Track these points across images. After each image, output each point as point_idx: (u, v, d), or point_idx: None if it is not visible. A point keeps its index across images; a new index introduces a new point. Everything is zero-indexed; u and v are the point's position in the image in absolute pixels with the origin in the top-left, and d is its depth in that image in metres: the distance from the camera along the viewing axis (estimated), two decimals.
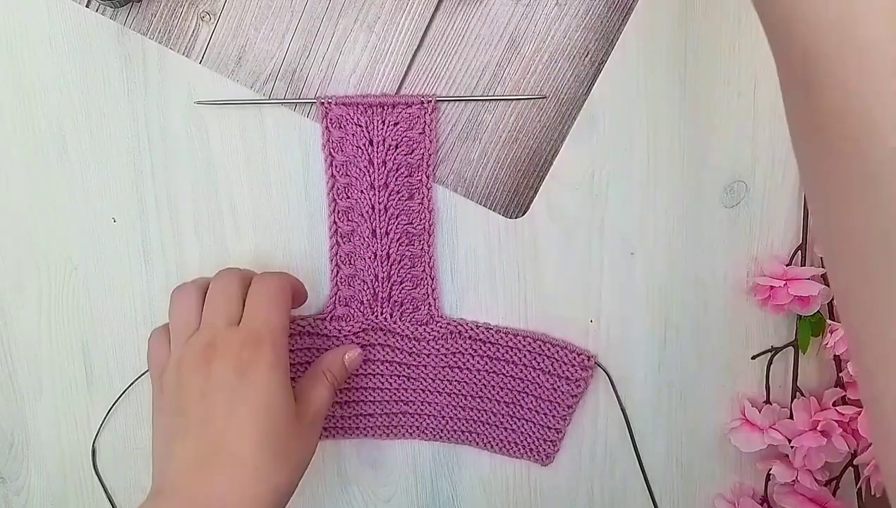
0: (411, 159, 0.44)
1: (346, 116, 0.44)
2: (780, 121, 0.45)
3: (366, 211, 0.45)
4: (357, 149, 0.44)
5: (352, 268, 0.46)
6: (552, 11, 0.43)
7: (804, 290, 0.45)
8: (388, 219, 0.45)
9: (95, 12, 0.43)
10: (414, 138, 0.44)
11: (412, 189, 0.45)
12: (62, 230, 0.47)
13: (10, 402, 0.49)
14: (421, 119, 0.44)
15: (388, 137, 0.44)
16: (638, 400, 0.49)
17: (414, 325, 0.47)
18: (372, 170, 0.44)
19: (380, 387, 0.49)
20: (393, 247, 0.46)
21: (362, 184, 0.45)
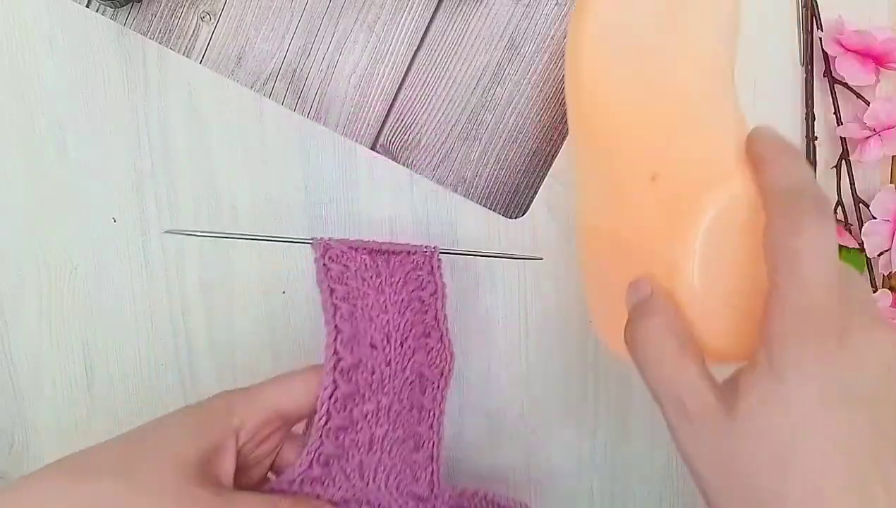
0: (423, 295, 0.40)
1: (349, 255, 0.40)
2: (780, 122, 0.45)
3: (379, 341, 0.39)
4: (363, 281, 0.39)
5: (345, 418, 0.38)
6: (552, 11, 0.43)
7: None
8: (404, 357, 0.39)
9: (95, 12, 0.43)
10: (423, 277, 0.40)
11: (427, 326, 0.40)
12: (62, 230, 0.47)
13: (10, 402, 0.49)
14: (427, 262, 0.40)
15: (397, 273, 0.40)
16: (638, 400, 0.49)
17: (412, 501, 0.38)
18: (383, 300, 0.39)
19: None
20: (405, 392, 0.39)
21: (374, 314, 0.39)
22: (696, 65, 0.34)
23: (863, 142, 0.43)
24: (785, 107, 0.45)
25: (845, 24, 0.42)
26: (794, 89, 0.45)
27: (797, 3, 0.43)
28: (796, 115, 0.45)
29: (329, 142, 0.45)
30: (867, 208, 0.45)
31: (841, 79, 0.43)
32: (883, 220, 0.44)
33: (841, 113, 0.44)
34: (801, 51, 0.44)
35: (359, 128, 0.45)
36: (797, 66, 0.44)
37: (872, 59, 0.42)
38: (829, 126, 0.45)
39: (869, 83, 0.42)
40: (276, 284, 0.47)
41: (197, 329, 0.48)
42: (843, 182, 0.45)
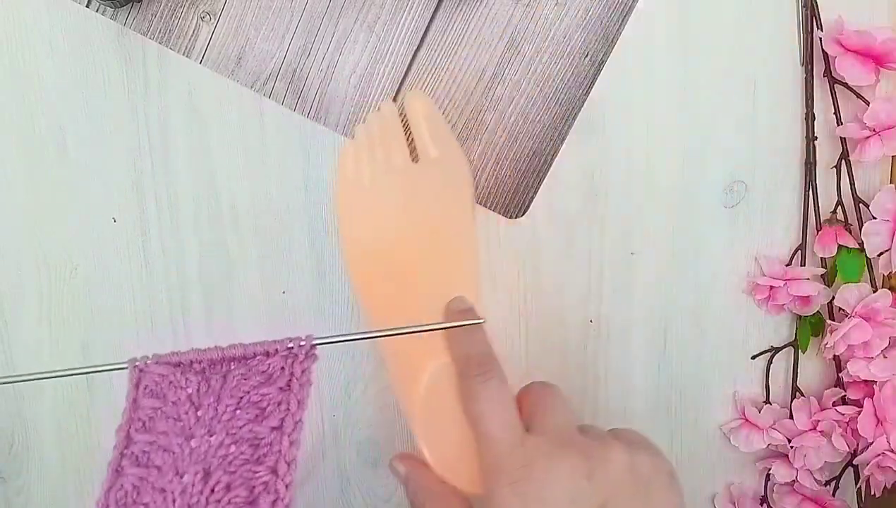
0: (261, 429, 0.28)
1: (171, 380, 0.30)
2: (780, 122, 0.45)
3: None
4: (175, 422, 0.28)
5: None
6: (552, 11, 0.43)
7: (804, 290, 0.45)
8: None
9: (95, 12, 0.43)
10: (270, 397, 0.29)
11: (256, 484, 0.27)
12: (62, 230, 0.47)
13: (10, 402, 0.49)
14: (287, 370, 0.29)
15: (227, 396, 0.28)
16: (638, 400, 0.49)
17: None
18: (189, 451, 0.27)
19: None
20: None
21: (166, 480, 0.27)
22: (437, 247, 0.39)
23: (863, 142, 0.43)
24: (785, 107, 0.45)
25: (845, 24, 0.42)
26: (794, 89, 0.45)
27: (797, 3, 0.43)
28: (796, 115, 0.45)
29: (329, 142, 0.45)
30: (867, 208, 0.45)
31: (841, 79, 0.43)
32: (883, 220, 0.44)
33: (841, 113, 0.44)
34: (801, 51, 0.44)
35: None
36: (797, 66, 0.44)
37: (872, 59, 0.42)
38: (829, 126, 0.45)
39: (869, 83, 0.42)
40: (276, 284, 0.47)
41: (197, 329, 0.48)
42: (843, 182, 0.45)
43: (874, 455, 0.45)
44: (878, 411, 0.45)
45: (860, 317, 0.44)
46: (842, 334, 0.44)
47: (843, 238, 0.45)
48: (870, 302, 0.44)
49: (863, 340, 0.44)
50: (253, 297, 0.47)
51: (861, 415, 0.45)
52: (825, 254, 0.46)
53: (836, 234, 0.45)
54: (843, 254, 0.45)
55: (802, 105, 0.45)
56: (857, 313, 0.45)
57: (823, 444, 0.46)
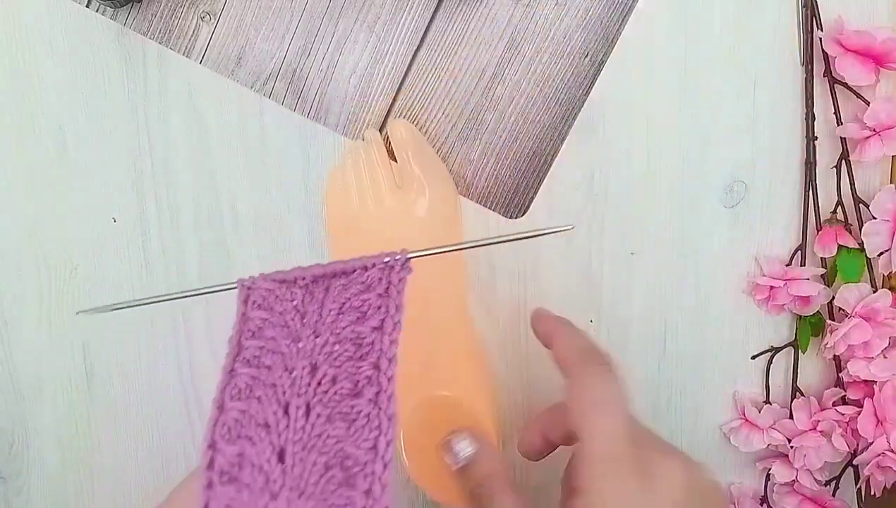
0: (362, 329, 0.29)
1: (277, 294, 0.31)
2: (780, 122, 0.45)
3: (269, 418, 0.27)
4: (282, 328, 0.30)
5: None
6: (552, 11, 0.43)
7: (804, 290, 0.45)
8: (311, 433, 0.27)
9: (95, 12, 0.43)
10: (370, 301, 0.30)
11: (360, 377, 0.28)
12: (62, 230, 0.47)
13: (10, 402, 0.49)
14: (384, 279, 0.30)
15: (330, 303, 0.30)
16: (637, 400, 0.49)
17: None
18: (297, 351, 0.29)
19: None
20: (311, 490, 0.26)
21: (276, 376, 0.28)
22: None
23: (863, 142, 0.43)
24: (785, 107, 0.45)
25: (845, 24, 0.42)
26: (795, 89, 0.45)
27: (797, 3, 0.43)
28: (796, 115, 0.45)
29: (329, 142, 0.45)
30: (867, 208, 0.45)
31: (841, 79, 0.43)
32: (883, 220, 0.44)
33: (841, 113, 0.44)
34: (801, 51, 0.44)
35: (359, 128, 0.45)
36: (797, 66, 0.44)
37: (872, 59, 0.42)
38: (829, 126, 0.45)
39: (869, 83, 0.42)
40: None
41: (197, 329, 0.48)
42: (843, 182, 0.45)
43: (874, 455, 0.45)
44: (878, 411, 0.45)
45: (860, 317, 0.44)
46: (842, 334, 0.44)
47: (843, 238, 0.45)
48: (870, 302, 0.44)
49: (863, 340, 0.44)
50: None
51: (861, 415, 0.45)
52: (825, 254, 0.46)
53: (836, 234, 0.45)
54: (844, 254, 0.45)
55: (802, 105, 0.45)
56: (857, 313, 0.45)
57: (823, 444, 0.46)
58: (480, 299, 0.47)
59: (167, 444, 0.50)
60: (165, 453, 0.50)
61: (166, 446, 0.50)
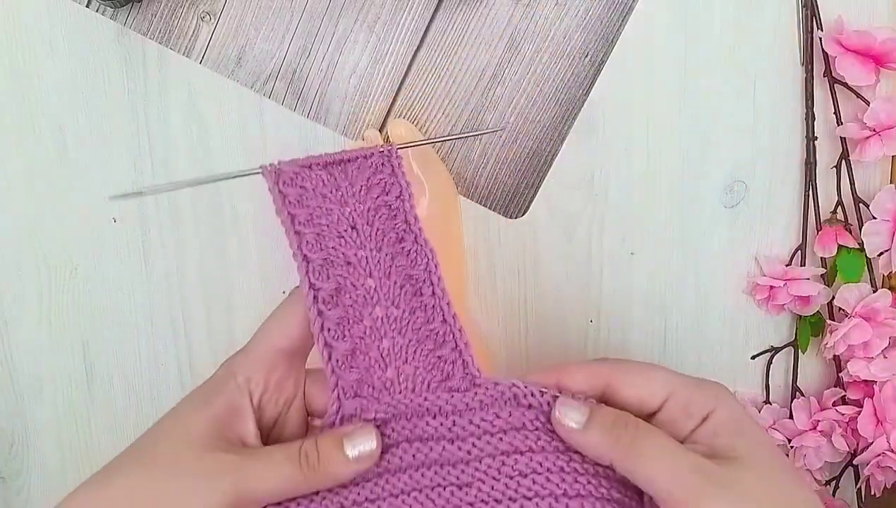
0: (388, 199, 0.37)
1: (303, 175, 0.37)
2: (780, 122, 0.45)
3: (351, 257, 0.36)
4: (323, 198, 0.37)
5: (348, 342, 0.35)
6: (552, 11, 0.43)
7: (804, 290, 0.45)
8: (384, 265, 0.36)
9: (95, 12, 0.43)
10: (385, 180, 0.37)
11: (398, 230, 0.37)
12: (62, 230, 0.47)
13: (10, 402, 0.49)
14: (386, 164, 0.38)
15: (357, 182, 0.37)
16: None
17: (453, 396, 0.35)
18: (349, 212, 0.37)
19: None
20: (398, 298, 0.36)
21: (340, 228, 0.36)
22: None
23: (863, 142, 0.43)
24: (785, 106, 0.45)
25: (845, 23, 0.42)
26: (794, 89, 0.45)
27: (797, 3, 0.43)
28: (796, 115, 0.45)
29: (329, 142, 0.45)
30: (867, 208, 0.45)
31: (841, 78, 0.43)
32: (883, 220, 0.44)
33: (841, 113, 0.44)
34: (801, 50, 0.44)
35: (359, 128, 0.45)
36: (797, 66, 0.44)
37: (872, 59, 0.42)
38: (829, 126, 0.45)
39: (869, 83, 0.42)
40: (276, 284, 0.47)
41: (197, 329, 0.48)
42: (843, 182, 0.45)
43: (874, 455, 0.45)
44: (878, 411, 0.45)
45: (860, 317, 0.44)
46: (842, 334, 0.44)
47: (843, 238, 0.45)
48: (870, 302, 0.44)
49: (863, 340, 0.44)
50: (253, 297, 0.47)
51: (861, 415, 0.45)
52: (825, 254, 0.46)
53: (836, 234, 0.45)
54: (843, 253, 0.45)
55: (802, 105, 0.45)
56: (857, 313, 0.45)
57: (823, 444, 0.46)
58: (481, 298, 0.47)
59: None
60: None
61: None
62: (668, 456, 0.30)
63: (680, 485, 0.29)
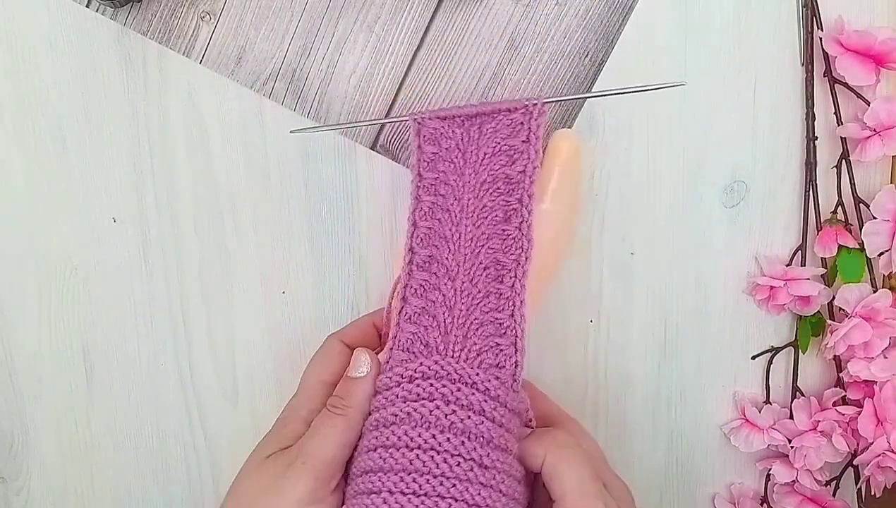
0: (511, 171, 0.38)
1: (441, 130, 0.39)
2: (780, 122, 0.45)
3: (451, 233, 0.38)
4: (449, 164, 0.38)
5: (422, 301, 0.38)
6: (552, 11, 0.43)
7: (804, 290, 0.45)
8: (476, 243, 0.38)
9: (95, 12, 0.43)
10: (516, 147, 0.38)
11: (509, 209, 0.38)
12: (62, 230, 0.47)
13: (10, 402, 0.49)
14: (525, 125, 0.38)
15: (485, 145, 0.38)
16: (638, 400, 0.49)
17: (495, 381, 0.36)
18: (462, 183, 0.38)
19: (433, 472, 0.34)
20: (478, 278, 0.38)
21: (449, 202, 0.38)
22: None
23: (863, 142, 0.43)
24: (785, 106, 0.45)
25: (845, 23, 0.42)
26: (795, 89, 0.45)
27: (797, 3, 0.43)
28: (797, 115, 0.45)
29: (329, 142, 0.45)
30: (867, 208, 0.45)
31: (841, 78, 0.43)
32: (883, 220, 0.44)
33: (841, 113, 0.44)
34: (802, 50, 0.44)
35: (359, 128, 0.45)
36: (797, 66, 0.44)
37: (872, 59, 0.42)
38: (830, 126, 0.45)
39: (869, 83, 0.42)
40: (276, 284, 0.47)
41: (197, 329, 0.48)
42: (843, 182, 0.45)
43: (874, 456, 0.45)
44: (878, 411, 0.45)
45: (860, 317, 0.44)
46: (842, 334, 0.44)
47: (843, 238, 0.45)
48: (870, 303, 0.44)
49: (863, 340, 0.44)
50: (253, 297, 0.47)
51: (861, 415, 0.45)
52: (825, 254, 0.46)
53: (836, 234, 0.45)
54: (844, 253, 0.45)
55: (803, 105, 0.45)
56: (857, 313, 0.44)
57: (824, 444, 0.46)
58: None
59: (167, 444, 0.50)
60: (165, 453, 0.50)
61: (166, 446, 0.50)
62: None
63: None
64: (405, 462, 0.34)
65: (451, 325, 0.37)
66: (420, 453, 0.34)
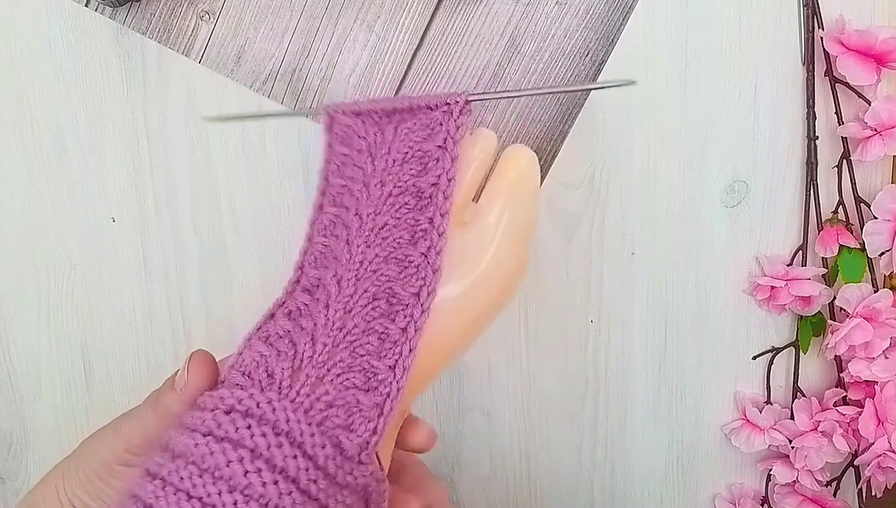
0: (422, 183, 0.32)
1: (354, 129, 0.33)
2: (781, 121, 0.45)
3: (341, 253, 0.31)
4: (357, 169, 0.33)
5: (290, 324, 0.32)
6: (552, 11, 0.43)
7: (805, 290, 0.45)
8: (366, 267, 0.31)
9: (94, 11, 0.43)
10: (430, 153, 0.32)
11: (417, 229, 0.31)
12: (61, 230, 0.46)
13: (10, 402, 0.49)
14: (444, 126, 0.32)
15: (396, 149, 0.32)
16: (638, 400, 0.49)
17: (334, 451, 0.28)
18: (367, 195, 0.32)
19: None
20: (360, 309, 0.30)
21: (350, 217, 0.32)
22: None
23: (864, 142, 0.43)
24: (786, 106, 0.45)
25: (846, 23, 0.42)
26: (796, 89, 0.45)
27: (798, 3, 0.43)
28: (797, 115, 0.45)
29: None
30: (868, 208, 0.45)
31: (842, 78, 0.43)
32: (884, 220, 0.44)
33: (842, 112, 0.44)
34: (803, 50, 0.44)
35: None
36: (798, 66, 0.44)
37: (873, 59, 0.42)
38: (831, 125, 0.45)
39: (870, 83, 0.42)
40: (276, 284, 0.47)
41: (197, 329, 0.48)
42: (844, 181, 0.45)
43: (875, 456, 0.45)
44: (879, 411, 0.45)
45: (861, 318, 0.44)
46: (843, 334, 0.44)
47: (844, 238, 0.45)
48: (871, 303, 0.44)
49: (864, 340, 0.44)
50: (253, 297, 0.47)
51: (862, 416, 0.45)
52: (826, 254, 0.45)
53: (837, 234, 0.45)
54: (845, 253, 0.45)
55: (803, 104, 0.45)
56: (858, 313, 0.44)
57: (824, 445, 0.46)
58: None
59: None
60: None
61: None
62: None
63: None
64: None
65: (309, 362, 0.29)
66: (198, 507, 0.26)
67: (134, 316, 0.48)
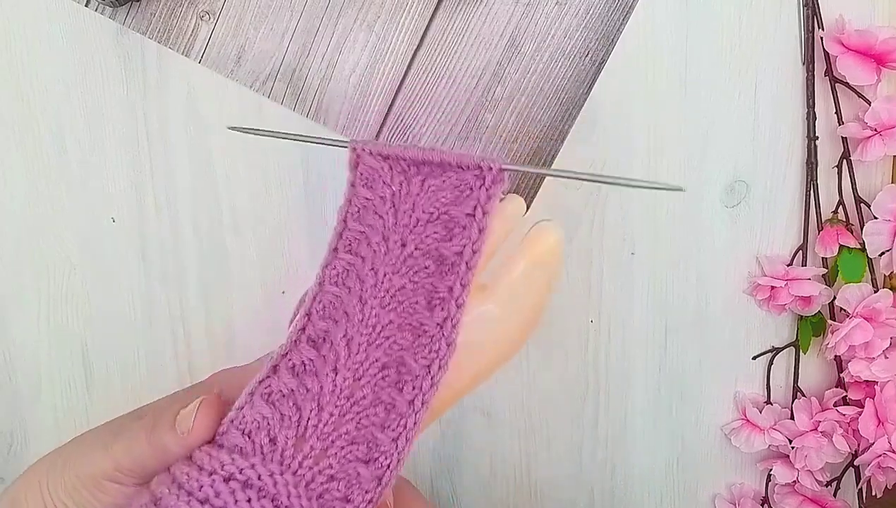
0: (445, 250, 0.30)
1: (380, 173, 0.31)
2: (781, 121, 0.45)
3: (353, 310, 0.30)
4: (378, 219, 0.31)
5: (295, 383, 0.30)
6: (552, 11, 0.43)
7: (805, 290, 0.45)
8: (379, 333, 0.29)
9: (94, 11, 0.43)
10: (457, 219, 0.30)
11: (435, 297, 0.30)
12: (61, 230, 0.46)
13: (10, 402, 0.49)
14: (474, 193, 0.30)
15: (421, 207, 0.30)
16: (638, 400, 0.49)
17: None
18: (385, 250, 0.30)
19: None
20: (369, 378, 0.29)
21: (365, 270, 0.30)
22: None
23: (864, 142, 0.43)
24: (786, 106, 0.45)
25: (846, 23, 0.42)
26: (796, 89, 0.45)
27: (798, 3, 0.43)
28: (797, 115, 0.45)
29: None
30: (868, 208, 0.45)
31: (842, 78, 0.43)
32: (884, 220, 0.44)
33: (842, 112, 0.44)
34: (803, 50, 0.44)
35: (359, 128, 0.45)
36: (798, 66, 0.44)
37: (873, 59, 0.42)
38: (831, 125, 0.45)
39: (870, 83, 0.42)
40: (276, 284, 0.47)
41: (197, 329, 0.48)
42: (844, 181, 0.45)
43: (875, 456, 0.45)
44: (879, 411, 0.45)
45: (861, 318, 0.44)
46: (843, 334, 0.44)
47: (844, 238, 0.45)
48: (871, 303, 0.44)
49: (864, 340, 0.44)
50: (253, 297, 0.47)
51: (862, 416, 0.45)
52: (826, 254, 0.45)
53: (837, 234, 0.45)
54: (845, 253, 0.45)
55: (803, 104, 0.45)
56: (858, 313, 0.44)
57: (824, 445, 0.46)
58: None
59: None
60: None
61: None
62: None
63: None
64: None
65: (314, 431, 0.28)
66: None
67: (134, 316, 0.48)
